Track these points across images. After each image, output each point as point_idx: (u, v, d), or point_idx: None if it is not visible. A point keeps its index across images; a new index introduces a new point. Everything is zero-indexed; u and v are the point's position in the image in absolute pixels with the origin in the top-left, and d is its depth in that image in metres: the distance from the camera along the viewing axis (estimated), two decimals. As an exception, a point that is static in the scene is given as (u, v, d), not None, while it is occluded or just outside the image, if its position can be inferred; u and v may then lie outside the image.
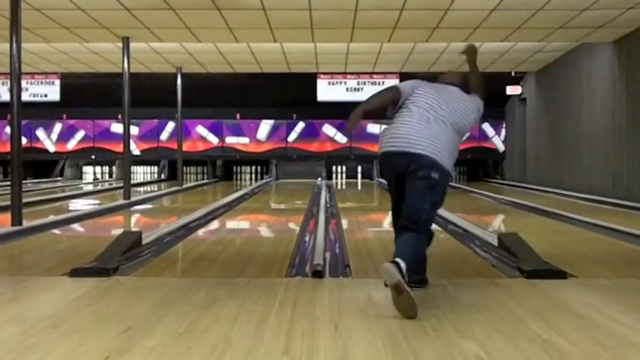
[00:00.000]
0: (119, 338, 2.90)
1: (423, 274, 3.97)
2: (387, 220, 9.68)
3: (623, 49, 11.28)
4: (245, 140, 19.50)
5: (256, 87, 17.54)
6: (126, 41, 11.12)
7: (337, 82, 16.26)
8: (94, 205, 11.50)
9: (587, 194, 12.00)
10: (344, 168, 20.68)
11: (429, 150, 3.63)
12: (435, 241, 3.98)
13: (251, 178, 20.64)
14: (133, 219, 9.82)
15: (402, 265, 3.30)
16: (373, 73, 15.94)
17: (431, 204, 3.66)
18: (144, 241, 5.69)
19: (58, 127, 19.79)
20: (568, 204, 10.77)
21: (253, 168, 20.87)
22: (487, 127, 19.05)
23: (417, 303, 3.22)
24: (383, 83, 16.08)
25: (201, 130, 19.47)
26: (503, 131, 19.02)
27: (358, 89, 16.27)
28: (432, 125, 3.71)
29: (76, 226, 8.14)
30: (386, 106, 3.91)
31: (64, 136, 19.82)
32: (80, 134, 19.79)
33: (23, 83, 12.66)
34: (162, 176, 20.84)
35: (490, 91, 3.95)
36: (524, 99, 17.24)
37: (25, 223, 7.24)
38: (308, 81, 16.06)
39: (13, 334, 3.06)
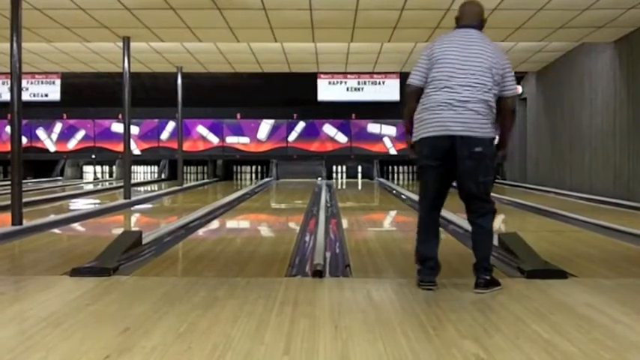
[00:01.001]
0: (119, 338, 2.90)
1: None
2: (388, 220, 9.69)
3: (623, 49, 11.27)
4: (245, 140, 19.49)
5: (257, 87, 17.54)
6: (126, 41, 11.12)
7: (338, 82, 16.26)
8: (94, 204, 11.50)
9: (588, 194, 12.00)
10: (344, 168, 20.67)
11: (464, 128, 3.74)
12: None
13: (251, 178, 20.64)
14: (134, 218, 9.82)
15: (489, 277, 3.89)
16: (374, 72, 15.94)
17: (484, 175, 3.84)
18: (144, 241, 5.69)
19: (58, 126, 19.79)
20: (568, 204, 10.77)
21: (253, 168, 20.86)
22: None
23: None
24: (383, 83, 16.09)
25: (201, 129, 19.46)
26: (504, 131, 18.98)
27: (359, 89, 16.27)
28: (458, 96, 3.77)
29: (77, 226, 8.14)
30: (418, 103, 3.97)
31: (64, 136, 19.82)
32: (80, 134, 19.79)
33: (24, 83, 12.69)
34: (163, 176, 20.83)
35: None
36: (525, 99, 17.23)
37: (26, 223, 7.23)
38: (308, 81, 16.05)
39: (14, 333, 3.06)
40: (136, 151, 19.15)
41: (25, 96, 15.70)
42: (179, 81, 14.98)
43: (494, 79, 3.84)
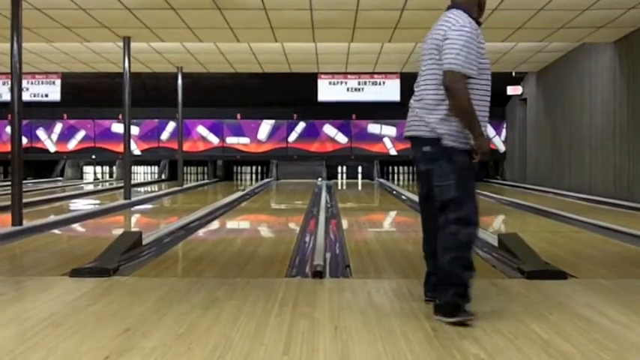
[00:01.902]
0: (119, 338, 2.91)
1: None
2: (388, 221, 9.69)
3: (623, 50, 11.27)
4: (245, 140, 19.49)
5: (257, 87, 17.54)
6: (127, 41, 11.12)
7: (338, 82, 16.25)
8: (94, 205, 11.50)
9: (588, 195, 12.00)
10: (344, 168, 20.66)
11: (412, 128, 3.44)
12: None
13: (251, 179, 20.64)
14: (134, 219, 9.82)
15: (441, 302, 3.23)
16: (374, 73, 15.94)
17: (439, 179, 3.30)
18: (144, 242, 5.70)
19: (58, 127, 19.79)
20: (568, 204, 10.77)
21: (254, 168, 20.86)
22: (488, 127, 19.01)
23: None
24: (384, 83, 16.09)
25: (201, 130, 19.46)
26: (504, 131, 19.02)
27: (359, 89, 16.27)
28: (414, 97, 3.49)
29: (77, 226, 8.14)
30: None
31: (64, 136, 19.82)
32: (81, 134, 19.79)
33: (24, 83, 12.64)
34: (163, 176, 20.83)
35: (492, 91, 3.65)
36: (525, 99, 17.23)
37: (26, 223, 7.23)
38: (309, 81, 16.05)
39: (14, 334, 3.06)
40: (136, 152, 19.15)
41: (26, 96, 15.63)
42: (179, 81, 14.98)
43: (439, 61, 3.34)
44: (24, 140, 13.03)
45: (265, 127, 19.48)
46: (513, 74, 16.57)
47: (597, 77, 12.44)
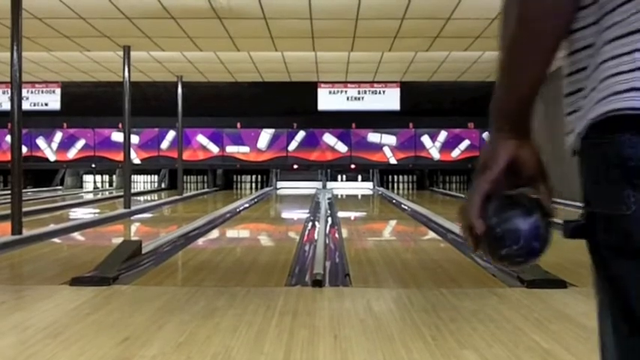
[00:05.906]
0: (119, 347, 2.90)
1: None
2: (388, 229, 9.69)
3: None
4: (245, 149, 19.49)
5: (257, 96, 17.57)
6: (127, 50, 11.14)
7: (338, 91, 16.27)
8: (94, 214, 11.49)
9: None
10: (344, 177, 20.66)
11: None
12: (435, 249, 3.97)
13: (251, 187, 20.64)
14: (133, 228, 9.82)
15: None
16: (374, 82, 15.95)
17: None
18: (144, 250, 5.70)
19: (58, 135, 19.80)
20: (568, 212, 10.75)
21: (253, 177, 20.86)
22: (487, 135, 19.04)
23: None
24: (384, 92, 16.11)
25: (201, 139, 19.47)
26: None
27: (359, 98, 16.29)
28: None
29: (77, 235, 8.13)
30: None
31: (64, 145, 19.82)
32: (81, 143, 19.79)
33: (24, 92, 12.66)
34: (163, 185, 20.82)
35: (490, 98, 3.59)
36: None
37: (25, 232, 7.22)
38: (308, 90, 16.08)
39: (14, 343, 3.06)
40: (136, 161, 19.15)
41: (26, 105, 15.70)
42: (179, 90, 15.01)
43: None
44: (24, 149, 13.03)
45: (265, 136, 19.49)
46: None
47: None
